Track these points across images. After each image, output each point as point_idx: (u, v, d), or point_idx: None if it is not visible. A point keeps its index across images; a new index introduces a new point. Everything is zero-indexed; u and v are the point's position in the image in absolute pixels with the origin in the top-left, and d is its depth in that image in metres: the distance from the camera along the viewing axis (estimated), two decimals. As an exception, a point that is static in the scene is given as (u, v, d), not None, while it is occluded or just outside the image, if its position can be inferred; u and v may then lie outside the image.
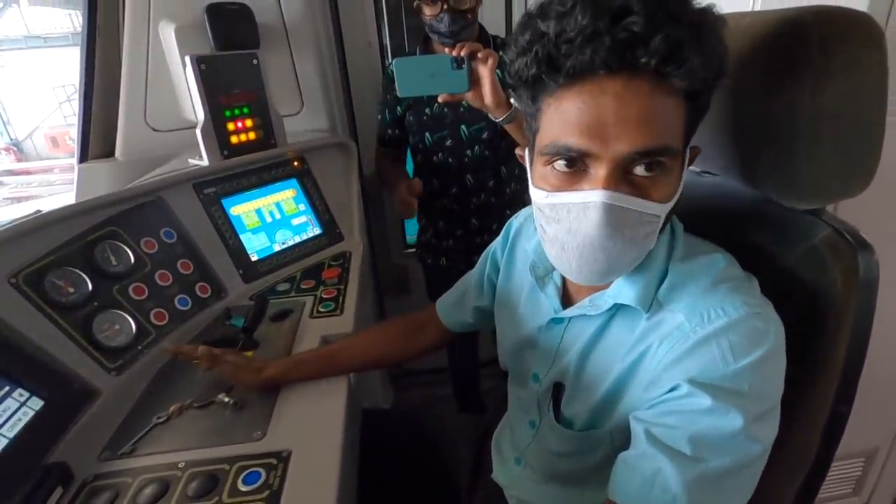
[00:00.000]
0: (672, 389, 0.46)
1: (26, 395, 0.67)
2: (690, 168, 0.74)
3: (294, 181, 1.24)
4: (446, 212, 1.34)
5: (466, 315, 0.80)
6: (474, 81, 0.90)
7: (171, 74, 1.26)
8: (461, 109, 0.99)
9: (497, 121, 0.96)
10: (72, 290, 0.79)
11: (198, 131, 1.08)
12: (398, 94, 0.92)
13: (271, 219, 1.17)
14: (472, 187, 1.28)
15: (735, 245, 0.54)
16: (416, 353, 0.85)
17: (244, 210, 1.13)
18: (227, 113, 1.11)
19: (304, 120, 1.43)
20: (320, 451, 0.63)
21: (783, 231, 0.54)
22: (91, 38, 1.25)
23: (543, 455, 0.63)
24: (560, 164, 0.46)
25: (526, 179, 0.53)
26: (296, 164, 1.25)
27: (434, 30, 1.17)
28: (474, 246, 1.33)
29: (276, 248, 1.16)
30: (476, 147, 1.26)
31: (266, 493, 0.57)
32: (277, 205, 1.19)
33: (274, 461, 0.62)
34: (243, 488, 0.58)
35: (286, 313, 0.96)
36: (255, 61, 1.14)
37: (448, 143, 1.26)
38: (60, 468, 0.60)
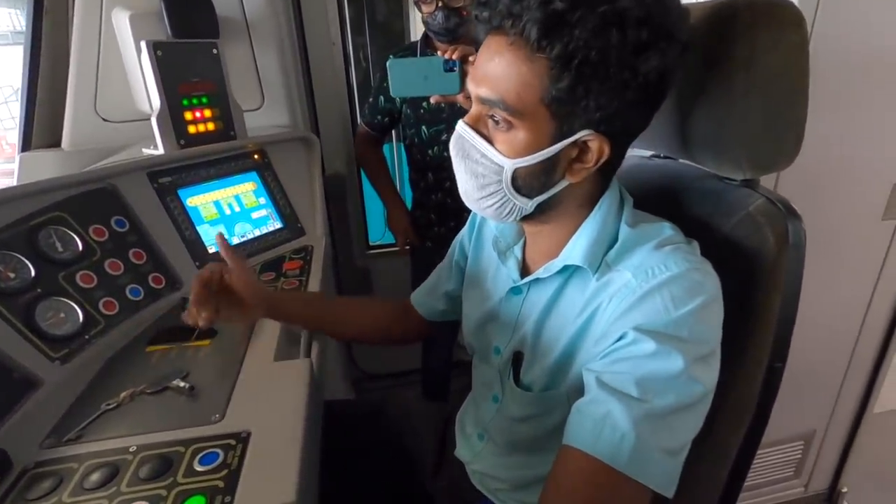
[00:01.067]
0: (620, 339, 0.49)
1: (-41, 382, 0.62)
2: (639, 153, 0.79)
3: (254, 174, 1.22)
4: (439, 206, 1.35)
5: (438, 301, 0.81)
6: (466, 83, 0.93)
7: (124, 64, 1.22)
8: (457, 105, 1.01)
9: None
10: (12, 275, 0.74)
11: (153, 119, 1.05)
12: (391, 93, 0.93)
13: (230, 211, 1.15)
14: None
15: (681, 218, 0.58)
16: (397, 339, 0.87)
17: (202, 201, 1.10)
18: (185, 102, 1.09)
19: (264, 115, 1.41)
20: (281, 430, 0.62)
21: (722, 202, 0.58)
22: (37, 20, 1.20)
23: (505, 424, 0.65)
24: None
25: None
26: (256, 157, 1.23)
27: (430, 27, 1.20)
28: None
29: (236, 240, 1.13)
30: None
31: (224, 472, 0.56)
32: (237, 197, 1.17)
33: (232, 441, 0.60)
34: (200, 468, 0.56)
35: (245, 303, 0.94)
36: (214, 51, 1.12)
37: (444, 137, 1.27)
38: (-2, 455, 0.56)
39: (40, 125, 1.29)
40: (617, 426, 0.44)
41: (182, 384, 0.69)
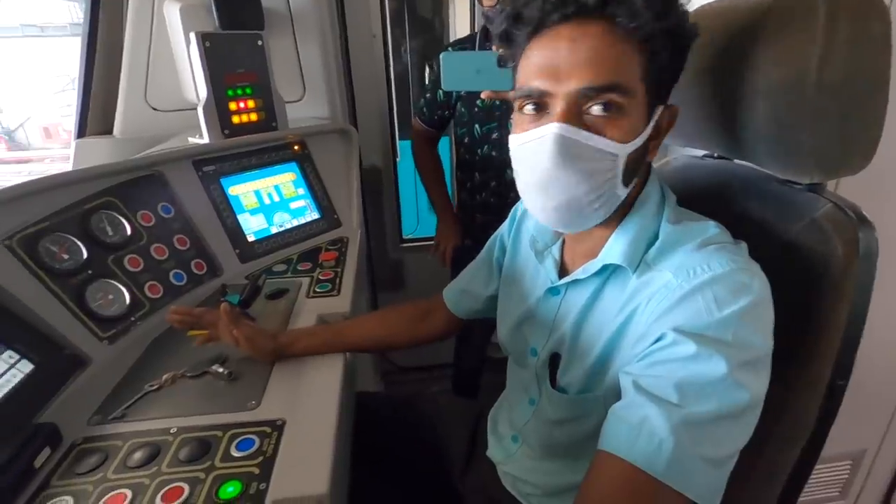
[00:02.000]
0: (658, 340, 0.47)
1: (16, 357, 0.65)
2: (691, 152, 0.75)
3: (294, 165, 1.23)
4: (484, 206, 1.34)
5: (474, 301, 0.80)
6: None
7: (173, 55, 1.25)
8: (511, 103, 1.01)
9: None
10: (66, 256, 0.77)
11: (200, 109, 1.07)
12: (443, 87, 0.93)
13: (269, 201, 1.17)
14: (511, 182, 1.28)
15: (736, 221, 0.54)
16: (423, 339, 0.84)
17: (243, 190, 1.12)
18: (230, 92, 1.11)
19: (305, 107, 1.43)
20: (315, 421, 0.62)
21: (785, 207, 0.54)
22: (94, 13, 1.24)
23: (541, 428, 0.63)
24: (528, 108, 0.50)
25: None
26: (296, 148, 1.24)
27: (491, 21, 1.18)
28: None
29: (274, 230, 1.15)
30: None
31: (259, 458, 0.56)
32: (276, 187, 1.19)
33: (268, 429, 0.61)
34: (236, 454, 0.57)
35: (282, 292, 0.95)
36: (259, 42, 1.14)
37: (495, 135, 1.26)
38: (49, 429, 0.58)
39: (94, 113, 1.34)
40: (654, 432, 0.42)
41: (221, 370, 0.71)
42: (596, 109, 0.47)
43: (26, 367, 0.66)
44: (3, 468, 0.52)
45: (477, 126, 1.29)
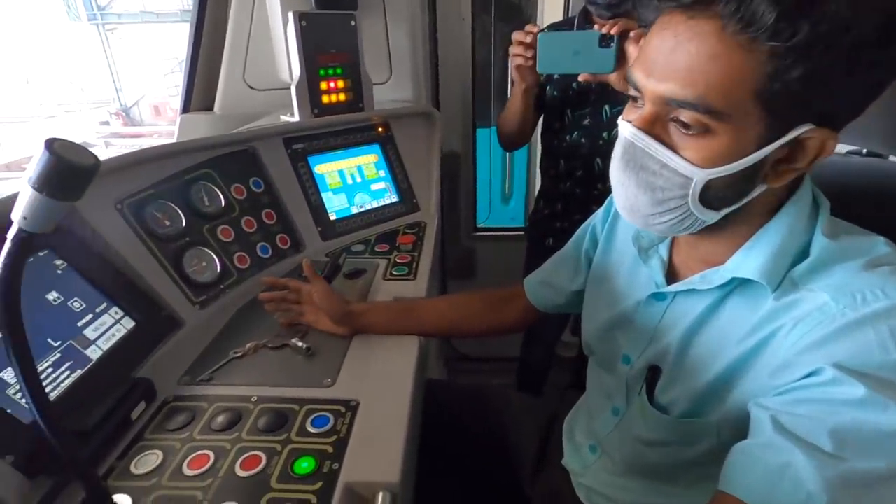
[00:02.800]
0: (810, 375, 0.39)
1: (121, 314, 0.70)
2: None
3: (377, 146, 1.24)
4: (568, 195, 1.27)
5: (556, 295, 0.75)
6: (621, 62, 0.85)
7: (271, 36, 1.29)
8: (609, 87, 0.93)
9: None
10: (168, 223, 0.82)
11: (293, 87, 1.10)
12: (538, 69, 0.89)
13: (352, 181, 1.18)
14: (599, 172, 1.21)
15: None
16: (498, 328, 0.81)
17: (328, 169, 1.14)
18: (322, 72, 1.13)
19: (390, 89, 1.43)
20: (388, 405, 0.61)
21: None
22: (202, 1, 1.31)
23: (628, 444, 0.58)
24: (632, 92, 0.46)
25: None
26: (380, 129, 1.24)
27: (591, 0, 1.10)
28: None
29: (354, 210, 1.16)
30: (615, 129, 1.18)
31: (333, 437, 0.56)
32: (359, 168, 1.20)
33: (342, 409, 0.60)
34: (311, 430, 0.57)
35: (360, 272, 0.96)
36: (352, 23, 1.14)
37: (586, 121, 1.19)
38: (146, 384, 0.62)
39: (198, 91, 1.43)
40: (801, 483, 0.36)
41: (300, 344, 0.72)
42: (674, 123, 0.43)
43: (129, 323, 0.70)
44: (105, 417, 0.56)
45: (569, 111, 1.21)
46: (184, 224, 0.84)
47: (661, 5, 0.41)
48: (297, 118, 1.12)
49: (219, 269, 0.86)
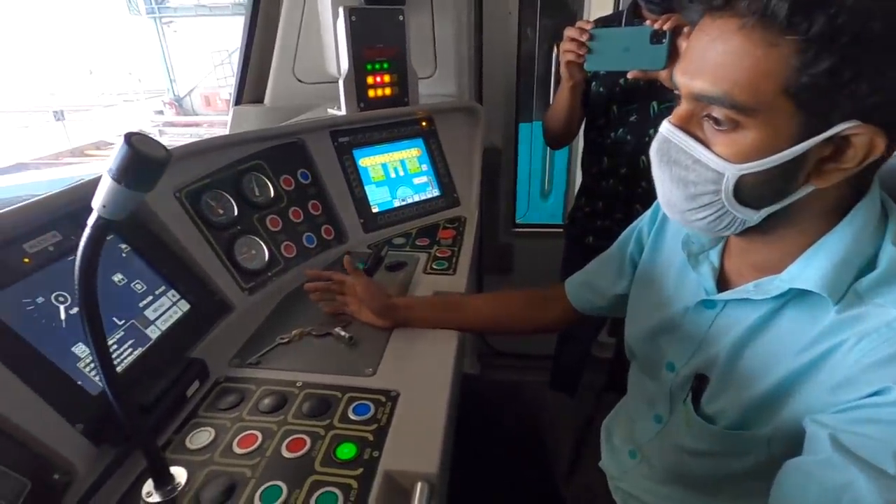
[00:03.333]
0: (875, 394, 0.38)
1: (177, 297, 0.74)
2: None
3: (420, 141, 1.25)
4: (610, 193, 1.25)
5: (598, 297, 0.74)
6: (673, 58, 0.83)
7: (321, 31, 1.32)
8: (657, 83, 0.91)
9: None
10: (221, 211, 0.86)
11: (341, 81, 1.12)
12: (585, 67, 0.87)
13: (395, 174, 1.19)
14: (643, 169, 1.17)
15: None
16: (539, 328, 0.82)
17: (372, 163, 1.16)
18: (369, 66, 1.14)
19: (434, 84, 1.44)
20: (427, 397, 0.62)
21: None
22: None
23: (670, 453, 0.57)
24: (678, 91, 0.47)
25: None
26: (424, 124, 1.25)
27: None
28: None
29: (396, 203, 1.18)
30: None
31: (374, 426, 0.58)
32: (402, 162, 1.21)
33: (383, 398, 0.62)
34: (353, 417, 0.59)
35: (401, 265, 0.97)
36: (400, 17, 1.15)
37: (632, 118, 1.16)
38: (200, 364, 0.65)
39: (250, 84, 1.48)
40: None
41: (343, 333, 0.74)
42: (708, 120, 0.44)
43: (184, 306, 0.74)
44: (164, 393, 0.60)
45: (615, 107, 1.18)
46: (236, 213, 0.87)
47: (693, 7, 0.43)
48: (343, 112, 1.14)
49: (267, 257, 0.89)
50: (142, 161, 0.35)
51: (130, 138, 0.34)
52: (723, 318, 0.51)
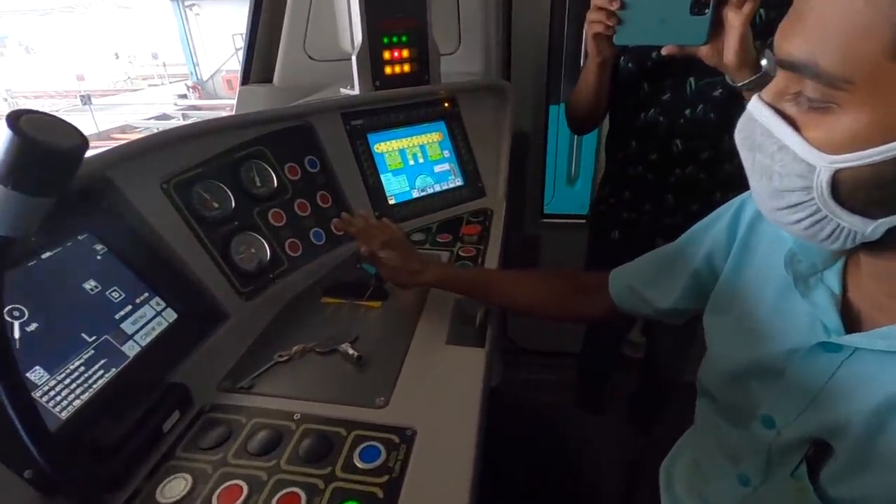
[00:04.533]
0: None
1: (162, 305, 0.64)
2: None
3: (442, 124, 1.12)
4: (637, 181, 1.09)
5: (645, 306, 0.62)
6: (716, 32, 0.69)
7: (333, 5, 1.19)
8: (694, 58, 0.77)
9: (736, 85, 0.75)
10: (216, 205, 0.75)
11: (354, 57, 1.00)
12: (614, 41, 0.74)
13: (414, 162, 1.07)
14: (677, 155, 1.02)
15: None
16: (576, 317, 0.73)
17: (388, 149, 1.04)
18: (385, 40, 1.02)
19: (458, 61, 1.30)
20: (451, 436, 0.51)
21: None
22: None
23: None
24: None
25: None
26: (446, 105, 1.13)
27: None
28: (661, 227, 1.09)
29: (415, 193, 1.06)
30: (699, 106, 0.98)
31: (385, 477, 0.47)
32: (422, 147, 1.09)
33: (396, 439, 0.51)
34: (360, 465, 0.48)
35: (420, 266, 0.86)
36: (421, -17, 1.02)
37: (665, 96, 1.00)
38: (181, 391, 0.55)
39: (258, 62, 1.37)
40: None
41: (350, 351, 0.63)
42: (799, 98, 0.34)
43: (170, 316, 0.64)
44: (137, 426, 0.50)
45: (646, 85, 1.03)
46: (233, 206, 0.77)
47: None
48: (356, 91, 1.02)
49: (268, 257, 0.79)
50: (36, 153, 0.24)
51: (18, 120, 0.23)
52: (852, 367, 0.38)
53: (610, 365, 1.55)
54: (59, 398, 0.50)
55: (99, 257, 0.61)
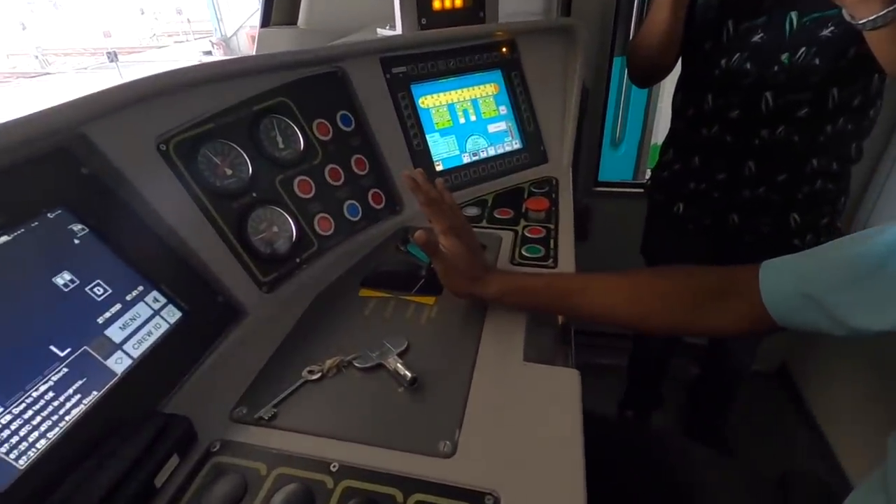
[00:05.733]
0: None
1: (162, 301, 0.50)
2: None
3: (499, 73, 0.93)
4: (711, 144, 0.88)
5: (831, 323, 0.43)
6: None
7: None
8: None
9: (856, 23, 0.60)
10: (229, 171, 0.60)
11: (395, -14, 0.81)
12: None
13: (465, 120, 0.89)
14: (766, 112, 0.81)
15: None
16: (703, 331, 0.52)
17: (435, 103, 0.86)
18: (434, -36, 0.82)
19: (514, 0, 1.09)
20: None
21: None
22: None
23: None
24: None
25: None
26: (504, 50, 0.93)
27: None
28: (740, 201, 0.89)
29: (466, 158, 0.88)
30: (801, 50, 0.76)
31: (461, 576, 0.32)
32: (474, 102, 0.90)
33: (470, 509, 0.36)
34: (423, 552, 0.34)
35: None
36: None
37: (756, 37, 0.78)
38: (182, 426, 0.42)
39: (280, 1, 1.18)
40: None
41: (401, 369, 0.48)
42: None
43: (173, 315, 0.50)
44: (124, 476, 0.36)
45: (731, 23, 0.80)
46: (250, 173, 0.61)
47: None
48: (399, 30, 0.83)
49: (294, 236, 0.64)
50: None
51: None
52: None
53: (668, 352, 1.38)
54: (15, 440, 0.37)
55: (76, 241, 0.46)
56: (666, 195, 1.02)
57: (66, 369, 0.41)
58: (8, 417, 0.37)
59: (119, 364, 0.45)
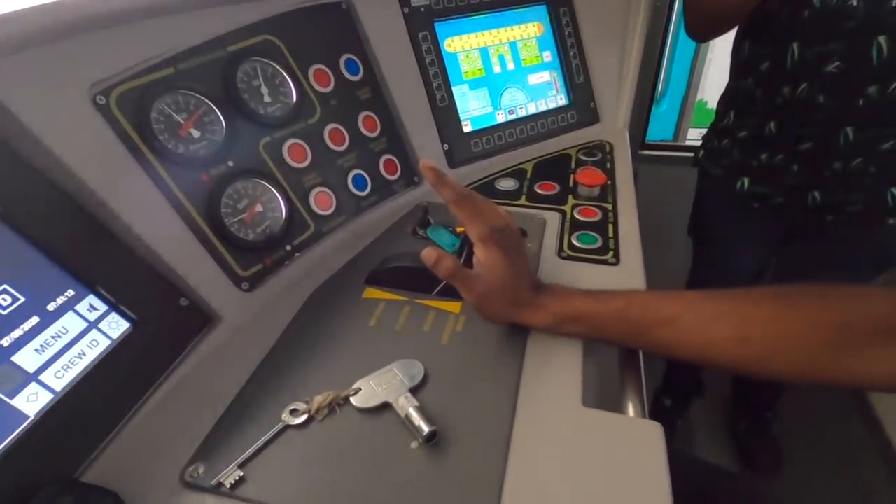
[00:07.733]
0: None
1: (102, 309, 0.38)
2: None
3: (544, 10, 0.75)
4: (795, 107, 0.69)
5: None
6: None
7: None
8: None
9: None
10: (196, 133, 0.46)
11: None
12: None
13: (500, 68, 0.72)
14: (872, 69, 0.61)
15: None
16: (847, 381, 0.36)
17: (464, 46, 0.69)
18: None
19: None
20: None
21: None
22: None
23: None
24: None
25: None
26: (551, -21, 0.74)
27: None
28: (827, 175, 0.72)
29: (500, 117, 0.72)
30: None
31: None
32: (512, 46, 0.73)
33: None
34: None
35: (515, 237, 0.55)
36: None
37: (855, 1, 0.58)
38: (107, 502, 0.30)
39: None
40: None
41: (415, 416, 0.35)
42: None
43: (117, 327, 0.38)
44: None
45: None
46: (224, 136, 0.47)
47: None
48: (420, -50, 0.66)
49: (284, 216, 0.50)
50: None
51: None
52: None
53: (693, 386, 1.31)
54: None
55: (-26, 231, 0.34)
56: (726, 168, 0.84)
57: (-54, 417, 0.29)
58: None
59: (33, 402, 0.33)
